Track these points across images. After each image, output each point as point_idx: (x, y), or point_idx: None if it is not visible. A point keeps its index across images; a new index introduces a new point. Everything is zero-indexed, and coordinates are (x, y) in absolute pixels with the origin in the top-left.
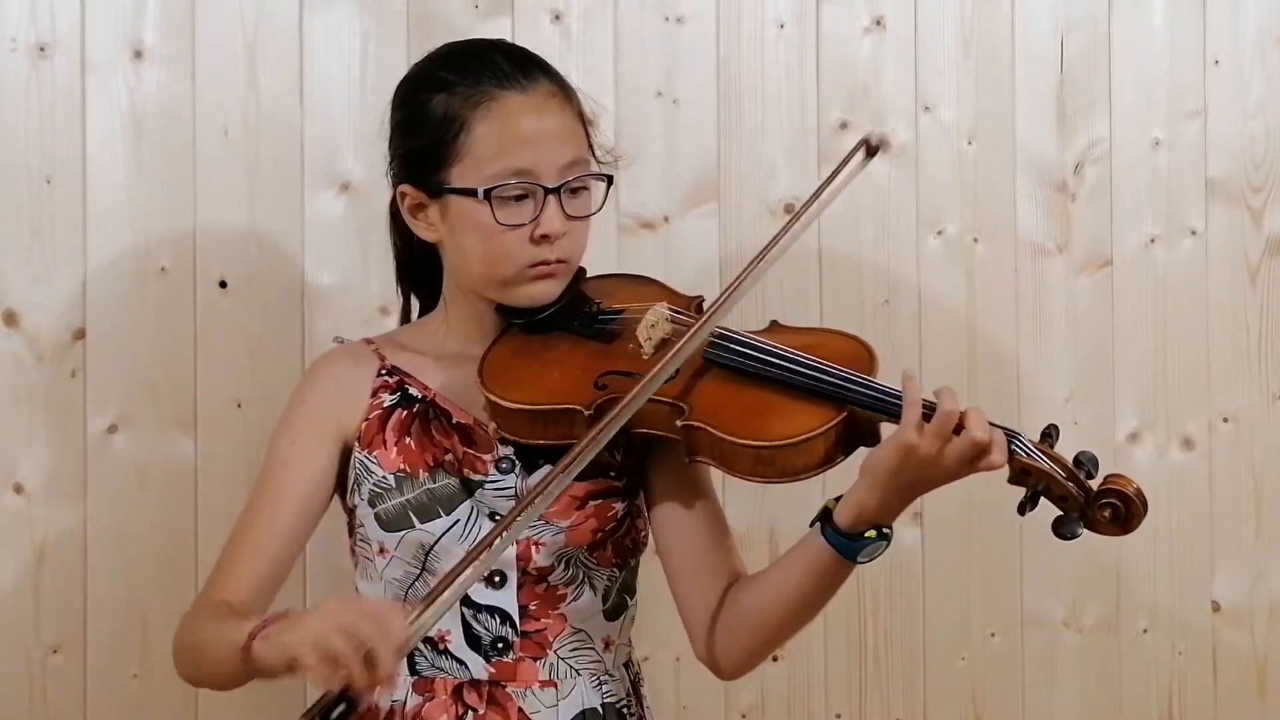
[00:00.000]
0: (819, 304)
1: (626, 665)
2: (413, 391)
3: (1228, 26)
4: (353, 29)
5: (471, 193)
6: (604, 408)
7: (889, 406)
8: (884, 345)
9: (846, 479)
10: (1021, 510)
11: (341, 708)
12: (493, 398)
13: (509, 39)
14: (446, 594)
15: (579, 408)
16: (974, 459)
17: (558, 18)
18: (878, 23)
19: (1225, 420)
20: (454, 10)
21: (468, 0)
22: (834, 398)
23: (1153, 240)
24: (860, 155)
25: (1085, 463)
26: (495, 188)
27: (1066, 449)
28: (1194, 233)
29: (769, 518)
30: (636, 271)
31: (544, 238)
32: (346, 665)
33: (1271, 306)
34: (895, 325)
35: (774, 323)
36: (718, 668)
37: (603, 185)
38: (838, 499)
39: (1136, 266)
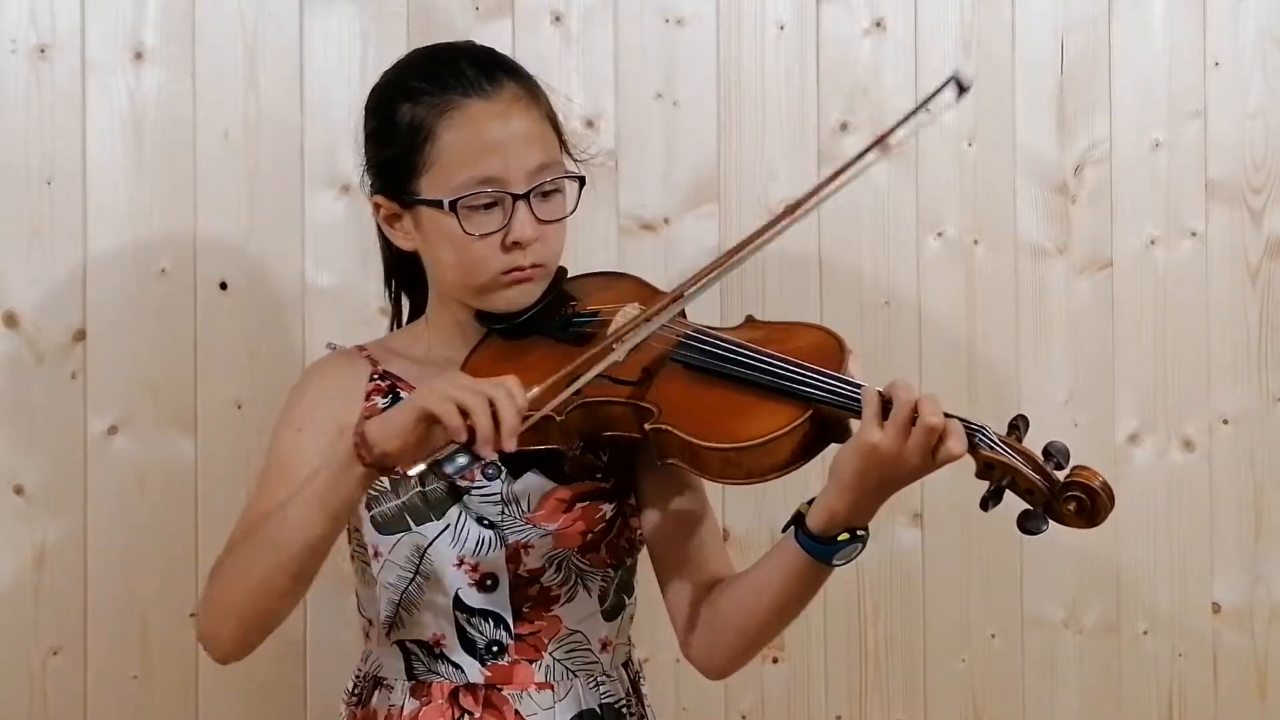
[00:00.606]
0: (818, 305)
1: (626, 665)
2: (404, 396)
3: (1227, 28)
4: (353, 30)
5: (438, 204)
6: (575, 412)
7: (853, 404)
8: (883, 347)
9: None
10: (984, 505)
11: (463, 459)
12: None
13: (509, 40)
14: (562, 376)
15: (551, 414)
16: (935, 449)
17: (558, 19)
18: (878, 24)
19: (1225, 422)
20: (454, 11)
21: (468, 1)
22: (799, 396)
23: (1153, 242)
24: (952, 89)
25: (1055, 454)
26: (461, 198)
27: (1066, 450)
28: (1194, 234)
29: (769, 520)
30: (634, 272)
31: (515, 244)
32: (475, 416)
33: (1271, 308)
34: (895, 327)
35: (749, 318)
36: (704, 667)
37: (576, 185)
38: (811, 501)
39: (1136, 268)
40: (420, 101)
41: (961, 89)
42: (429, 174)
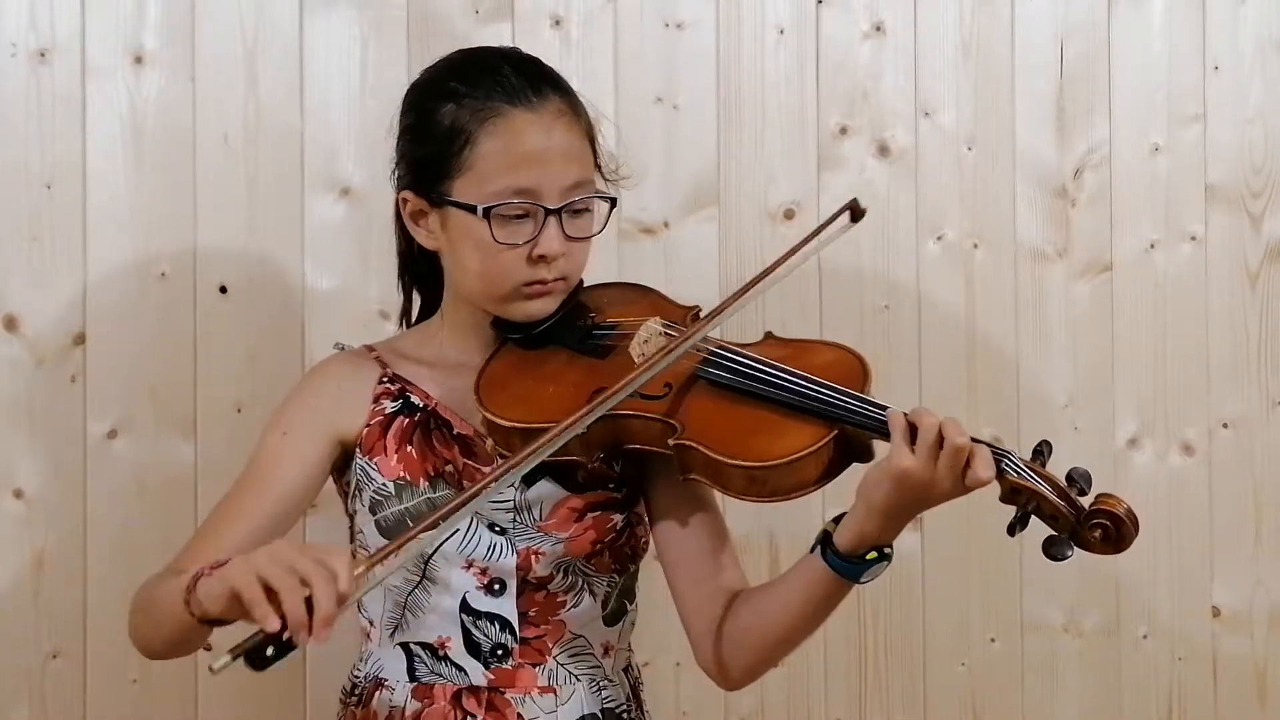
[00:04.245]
0: (819, 309)
1: (626, 670)
2: (414, 400)
3: (1227, 32)
4: (352, 34)
5: (471, 209)
6: (595, 426)
7: (878, 425)
8: (884, 351)
9: (845, 489)
10: (1011, 531)
11: (272, 649)
12: (488, 415)
13: (509, 44)
14: (395, 557)
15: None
16: (964, 473)
17: (558, 23)
18: (877, 28)
19: (1225, 425)
20: (454, 15)
21: (468, 5)
22: (824, 416)
23: (1152, 245)
24: (845, 219)
25: (1078, 479)
26: (495, 206)
27: (1066, 453)
28: (1193, 238)
29: (768, 524)
30: (636, 279)
31: (541, 258)
32: (284, 601)
33: (1271, 312)
34: (895, 330)
35: (769, 334)
36: (721, 678)
37: (606, 205)
38: (837, 519)
39: (1136, 272)
40: (463, 105)
41: (855, 217)
42: (464, 177)
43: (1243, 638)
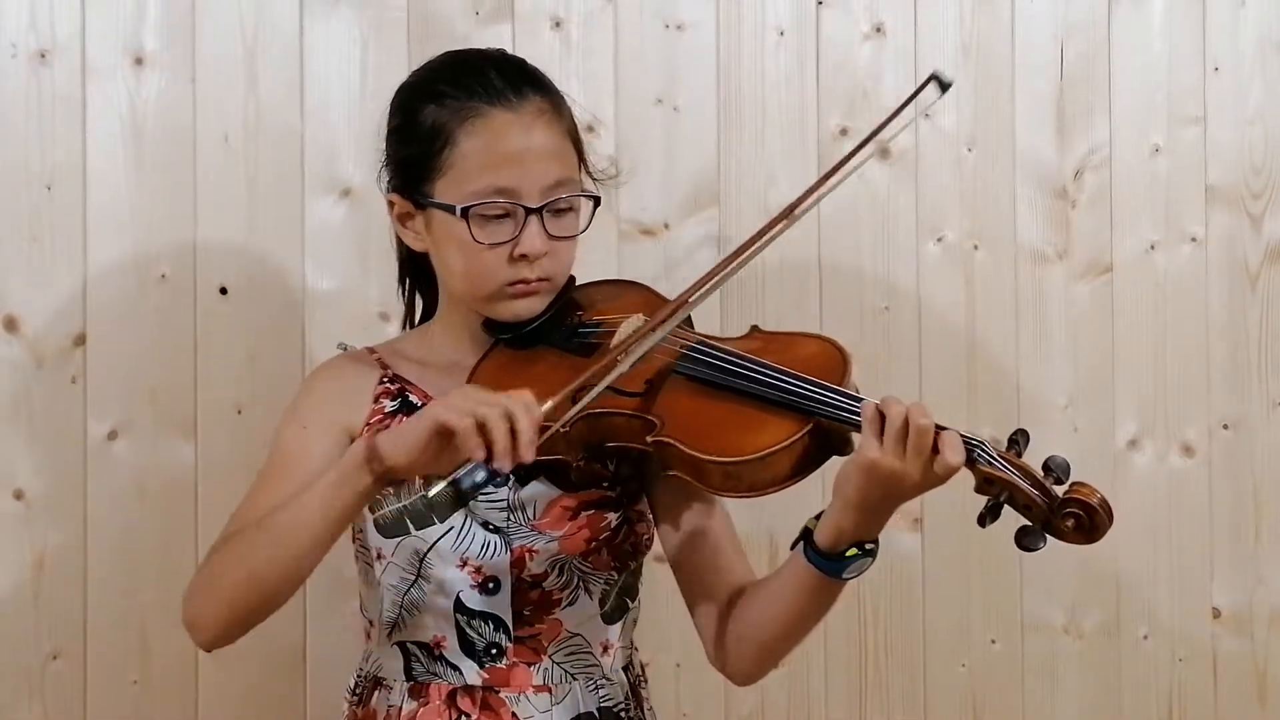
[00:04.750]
0: (818, 310)
1: (626, 668)
2: (413, 399)
3: (1227, 33)
4: (352, 35)
5: (450, 209)
6: (579, 424)
7: (852, 417)
8: (883, 351)
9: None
10: (982, 522)
11: (481, 475)
12: None
13: (509, 46)
14: (573, 388)
15: (555, 425)
16: (932, 460)
17: (558, 24)
18: (877, 29)
19: (1225, 427)
20: (454, 16)
21: (468, 6)
22: (799, 410)
23: (1152, 246)
24: (933, 87)
25: (1055, 468)
26: (474, 206)
27: (1066, 454)
28: (1194, 239)
29: (769, 525)
30: (634, 278)
31: (523, 257)
32: (493, 430)
33: (1271, 313)
34: (895, 331)
35: (754, 328)
36: (730, 675)
37: (590, 204)
38: (818, 516)
39: (1136, 273)
40: (444, 105)
41: (943, 87)
42: (445, 178)
43: (1243, 638)
